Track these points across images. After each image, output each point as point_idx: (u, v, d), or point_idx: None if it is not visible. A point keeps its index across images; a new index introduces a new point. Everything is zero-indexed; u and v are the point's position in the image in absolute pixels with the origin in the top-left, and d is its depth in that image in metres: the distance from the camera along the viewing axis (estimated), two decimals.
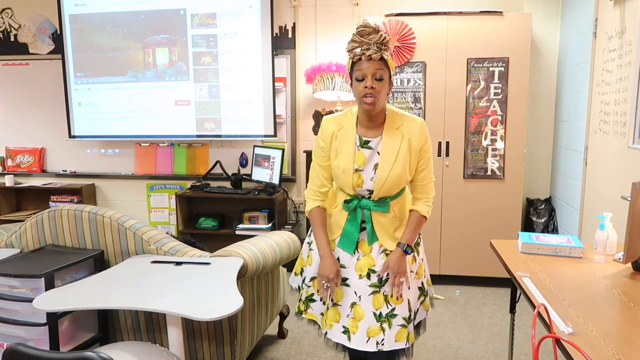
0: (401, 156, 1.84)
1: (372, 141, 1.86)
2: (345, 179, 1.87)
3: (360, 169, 1.86)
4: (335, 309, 1.92)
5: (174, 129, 4.51)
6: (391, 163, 1.83)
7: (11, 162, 4.92)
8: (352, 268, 1.92)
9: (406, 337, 1.87)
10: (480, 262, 3.82)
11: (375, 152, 1.86)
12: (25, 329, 2.16)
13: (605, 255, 1.98)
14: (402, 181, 1.87)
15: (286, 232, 2.85)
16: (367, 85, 1.74)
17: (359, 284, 1.90)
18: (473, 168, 3.75)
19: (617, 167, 2.85)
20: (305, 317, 2.05)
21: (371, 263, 1.91)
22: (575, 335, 1.34)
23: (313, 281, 2.02)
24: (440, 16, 3.67)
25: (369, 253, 1.93)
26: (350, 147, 1.86)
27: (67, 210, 2.46)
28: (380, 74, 1.75)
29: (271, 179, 4.11)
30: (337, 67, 3.94)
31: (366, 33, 1.75)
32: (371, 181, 1.86)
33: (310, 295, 2.03)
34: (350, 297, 1.91)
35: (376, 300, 1.88)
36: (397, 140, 1.84)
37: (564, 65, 3.87)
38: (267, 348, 2.91)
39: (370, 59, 1.74)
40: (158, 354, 1.78)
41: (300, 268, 2.12)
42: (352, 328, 1.88)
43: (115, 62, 4.51)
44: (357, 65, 1.77)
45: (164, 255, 2.34)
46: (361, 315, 1.88)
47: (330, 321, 1.92)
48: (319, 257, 1.94)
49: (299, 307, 2.07)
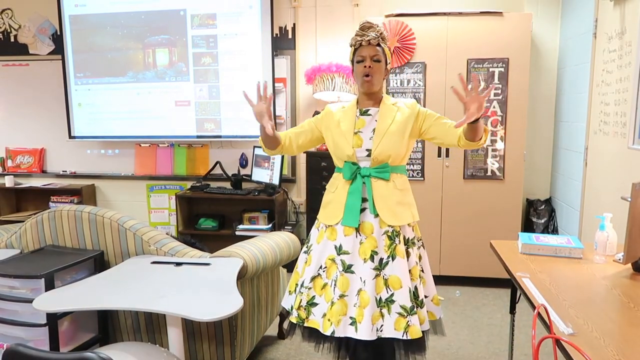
0: (397, 120, 2.01)
1: (371, 109, 2.06)
2: (345, 139, 2.02)
3: (360, 131, 2.04)
4: (343, 301, 1.91)
5: (174, 129, 4.51)
6: (388, 124, 2.01)
7: (11, 163, 4.92)
8: (355, 254, 1.94)
9: (404, 328, 1.87)
10: (480, 263, 3.82)
11: (374, 119, 2.05)
12: (25, 330, 2.16)
13: (605, 256, 1.98)
14: (398, 143, 1.99)
15: (286, 233, 2.85)
16: (365, 65, 1.97)
17: (364, 268, 1.92)
18: (473, 169, 3.75)
19: (617, 167, 2.85)
20: (307, 325, 1.99)
21: (374, 244, 1.94)
22: (575, 336, 1.34)
23: (313, 281, 2.02)
24: (440, 17, 3.67)
25: (370, 234, 1.95)
26: (351, 116, 2.07)
27: (67, 211, 2.46)
28: (377, 57, 1.98)
29: (271, 179, 4.11)
30: (337, 68, 3.94)
31: (366, 27, 2.01)
32: (370, 140, 2.01)
33: (312, 298, 2.00)
34: (356, 284, 1.92)
35: (377, 285, 1.91)
36: (393, 110, 2.05)
37: (564, 65, 3.87)
38: (267, 349, 2.91)
39: (369, 44, 1.98)
40: (158, 355, 1.78)
41: (294, 284, 2.11)
42: (359, 317, 1.88)
43: (116, 62, 4.52)
44: (358, 51, 2.01)
45: (164, 256, 2.34)
46: (366, 301, 1.89)
47: (337, 316, 1.89)
48: (317, 252, 2.02)
49: (299, 316, 2.03)
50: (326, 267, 2.00)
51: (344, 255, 1.96)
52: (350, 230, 1.98)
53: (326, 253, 2.01)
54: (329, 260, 2.00)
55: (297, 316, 2.03)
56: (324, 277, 2.00)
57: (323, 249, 2.02)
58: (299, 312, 2.03)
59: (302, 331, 2.07)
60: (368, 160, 2.00)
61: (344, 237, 1.98)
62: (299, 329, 2.07)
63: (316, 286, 2.01)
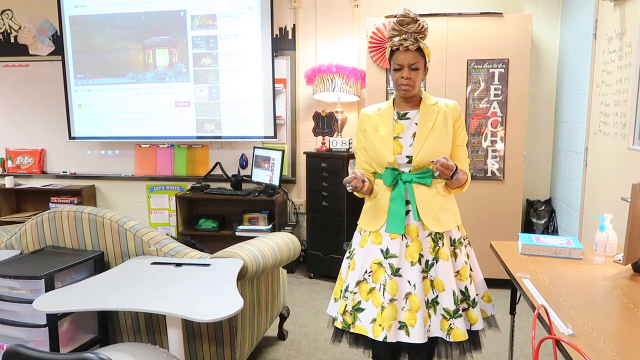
0: (438, 124, 1.94)
1: (410, 112, 1.98)
2: (385, 145, 1.95)
3: (399, 137, 1.96)
4: (393, 305, 1.85)
5: (174, 130, 4.51)
6: (428, 129, 1.93)
7: (11, 164, 4.92)
8: (402, 257, 1.90)
9: (447, 330, 1.86)
10: (480, 263, 3.79)
11: (413, 122, 1.97)
12: (25, 331, 2.16)
13: (605, 257, 1.98)
14: (440, 148, 1.93)
15: (286, 234, 2.85)
16: (403, 76, 1.90)
17: (412, 271, 1.89)
18: (473, 169, 3.74)
19: (617, 168, 2.85)
20: (354, 332, 1.92)
21: (420, 247, 1.91)
22: (575, 337, 1.34)
23: (359, 286, 1.95)
24: (440, 17, 3.67)
25: (416, 237, 1.92)
26: (389, 120, 1.99)
27: (67, 212, 2.46)
28: (416, 64, 1.89)
29: (271, 180, 4.11)
30: (337, 69, 3.94)
31: (405, 22, 1.90)
32: (410, 147, 1.94)
33: (357, 303, 1.93)
34: (405, 288, 1.88)
35: (425, 287, 1.89)
36: (433, 112, 1.96)
37: (564, 66, 3.87)
38: (267, 349, 2.91)
39: (407, 50, 1.87)
40: (158, 355, 1.78)
41: (339, 291, 2.04)
42: (410, 321, 1.84)
43: (116, 63, 4.52)
44: (395, 54, 1.91)
45: (164, 257, 2.34)
46: (418, 305, 1.85)
47: (389, 321, 1.83)
48: (361, 256, 1.98)
49: (345, 321, 1.94)
50: (372, 271, 1.93)
51: (391, 259, 1.90)
52: (396, 234, 1.93)
53: (371, 257, 1.95)
54: (374, 264, 1.93)
55: (343, 321, 1.95)
56: (369, 281, 1.93)
57: (367, 253, 1.96)
58: (344, 317, 1.96)
59: (347, 337, 2.01)
60: (409, 166, 1.94)
61: (390, 240, 1.92)
62: (345, 335, 2.01)
63: (362, 291, 1.94)
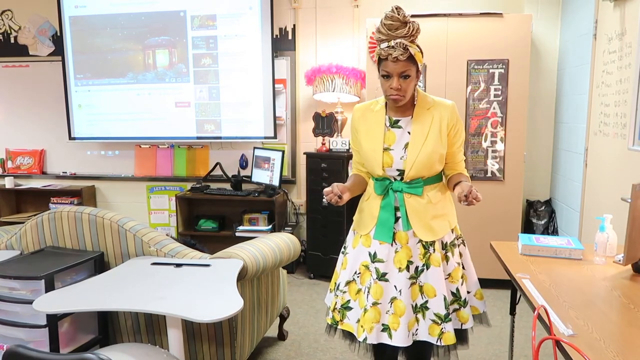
0: (432, 135, 1.84)
1: (402, 120, 1.88)
2: (374, 158, 1.88)
3: (390, 148, 1.87)
4: (376, 308, 1.86)
5: (174, 130, 4.51)
6: (422, 141, 1.83)
7: (11, 164, 4.92)
8: (390, 262, 1.88)
9: (438, 334, 1.85)
10: (480, 264, 3.78)
11: (406, 131, 1.87)
12: (25, 331, 2.16)
13: (605, 257, 1.98)
14: (433, 161, 1.86)
15: (286, 234, 2.85)
16: (392, 86, 1.77)
17: (399, 277, 1.86)
18: (473, 170, 3.74)
19: (617, 168, 2.85)
20: (341, 328, 1.96)
21: (409, 254, 1.88)
22: (576, 337, 1.34)
23: (348, 285, 1.97)
24: (440, 18, 3.68)
25: (406, 244, 1.89)
26: (379, 127, 1.88)
27: (67, 212, 2.46)
28: (406, 72, 1.75)
29: (271, 180, 4.11)
30: (337, 69, 3.94)
31: (394, 27, 1.74)
32: (401, 160, 1.86)
33: (347, 302, 1.96)
34: (390, 293, 1.87)
35: (413, 292, 1.88)
36: (427, 120, 1.85)
37: (564, 66, 3.87)
38: (267, 350, 2.91)
39: (397, 60, 1.73)
40: (158, 356, 1.78)
41: (334, 283, 2.06)
42: (393, 324, 1.84)
43: (116, 63, 4.52)
44: (383, 62, 1.77)
45: (164, 257, 2.34)
46: (402, 310, 1.84)
47: (370, 323, 1.84)
48: (352, 256, 1.98)
49: (334, 317, 1.98)
50: (360, 273, 1.94)
51: (378, 263, 1.89)
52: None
53: (360, 259, 1.95)
54: (362, 266, 1.94)
55: (332, 318, 2.00)
56: (358, 282, 1.94)
57: (358, 254, 1.97)
58: (334, 314, 2.00)
59: (337, 333, 2.04)
60: (400, 176, 1.90)
61: (378, 245, 1.91)
62: (333, 330, 2.04)
63: (351, 290, 1.96)
